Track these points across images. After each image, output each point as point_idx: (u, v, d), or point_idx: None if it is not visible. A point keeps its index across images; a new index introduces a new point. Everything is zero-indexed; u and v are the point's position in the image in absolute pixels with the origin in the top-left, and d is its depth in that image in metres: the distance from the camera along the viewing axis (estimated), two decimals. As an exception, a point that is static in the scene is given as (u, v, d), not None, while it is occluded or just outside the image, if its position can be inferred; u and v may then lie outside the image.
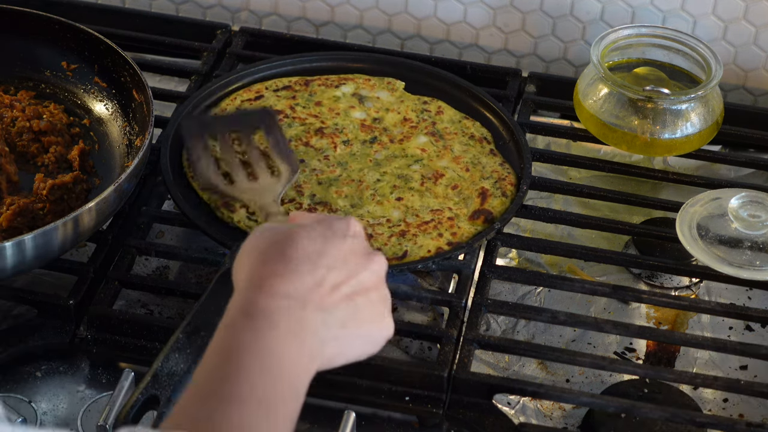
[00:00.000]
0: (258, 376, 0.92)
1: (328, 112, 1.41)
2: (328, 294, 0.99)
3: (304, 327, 0.96)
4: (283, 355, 0.94)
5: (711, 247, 1.27)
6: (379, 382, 1.18)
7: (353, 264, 1.02)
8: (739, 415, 1.22)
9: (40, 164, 1.35)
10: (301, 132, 1.38)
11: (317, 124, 1.39)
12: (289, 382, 0.94)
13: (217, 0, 1.63)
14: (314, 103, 1.41)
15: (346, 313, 1.01)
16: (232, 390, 0.90)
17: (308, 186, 1.32)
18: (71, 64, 1.43)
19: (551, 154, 1.43)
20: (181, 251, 1.29)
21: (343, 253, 1.02)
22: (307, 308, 0.97)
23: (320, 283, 0.99)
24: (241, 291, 0.98)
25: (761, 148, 1.49)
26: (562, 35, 1.57)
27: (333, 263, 1.01)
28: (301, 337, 0.96)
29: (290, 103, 1.41)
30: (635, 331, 1.23)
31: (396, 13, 1.59)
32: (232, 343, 0.94)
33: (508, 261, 1.36)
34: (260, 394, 0.91)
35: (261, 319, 0.95)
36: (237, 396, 0.90)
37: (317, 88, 1.43)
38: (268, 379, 0.92)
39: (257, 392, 0.91)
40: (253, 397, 0.90)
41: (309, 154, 1.36)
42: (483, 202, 1.30)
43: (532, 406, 1.22)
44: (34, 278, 1.29)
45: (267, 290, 0.96)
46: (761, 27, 1.51)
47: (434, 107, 1.42)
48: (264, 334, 0.94)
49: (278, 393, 0.92)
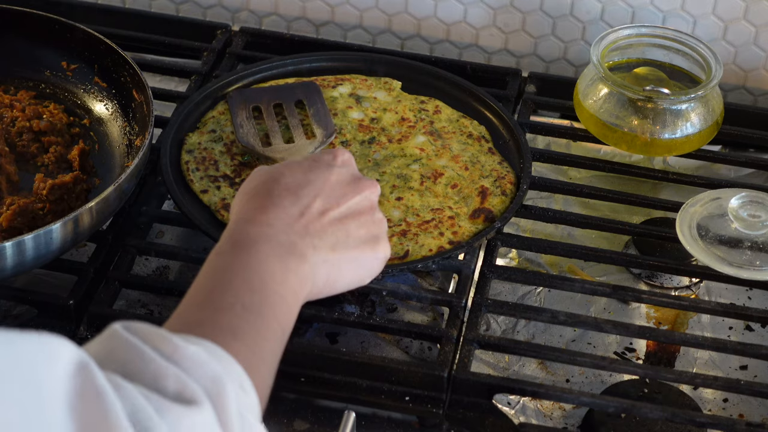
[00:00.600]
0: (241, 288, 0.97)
1: (327, 113, 1.41)
2: (316, 219, 1.06)
3: (287, 250, 1.02)
4: (266, 273, 0.99)
5: (711, 247, 1.27)
6: (379, 382, 1.18)
7: (341, 191, 1.09)
8: (739, 415, 1.22)
9: (40, 164, 1.35)
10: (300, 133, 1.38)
11: (317, 124, 1.40)
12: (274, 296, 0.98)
13: (217, 0, 1.63)
14: None
15: (335, 236, 1.07)
16: (219, 299, 0.96)
17: (308, 186, 1.32)
18: (71, 64, 1.43)
19: (551, 154, 1.43)
20: (181, 251, 1.29)
21: (330, 182, 1.09)
22: (291, 234, 1.04)
23: (304, 212, 1.06)
24: (230, 225, 1.05)
25: (761, 148, 1.49)
26: (562, 35, 1.57)
27: (318, 192, 1.08)
28: (284, 259, 1.01)
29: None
30: (635, 331, 1.23)
31: (396, 13, 1.59)
32: (218, 265, 1.00)
33: (508, 261, 1.36)
34: (245, 301, 0.96)
35: (244, 244, 1.01)
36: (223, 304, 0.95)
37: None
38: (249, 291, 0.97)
39: (241, 300, 0.96)
40: (238, 304, 0.95)
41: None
42: (483, 201, 1.30)
43: (532, 406, 1.22)
44: (34, 278, 1.29)
45: (251, 220, 1.04)
46: (761, 27, 1.51)
47: (432, 106, 1.42)
48: (247, 256, 1.00)
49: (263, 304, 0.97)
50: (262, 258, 1.00)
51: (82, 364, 0.76)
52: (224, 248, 1.02)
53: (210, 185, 1.31)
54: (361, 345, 1.24)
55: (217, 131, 1.37)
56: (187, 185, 1.32)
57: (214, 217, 1.29)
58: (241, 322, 0.94)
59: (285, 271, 1.01)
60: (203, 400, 0.83)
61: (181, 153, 1.35)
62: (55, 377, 0.74)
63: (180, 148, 1.35)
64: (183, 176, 1.32)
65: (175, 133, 1.36)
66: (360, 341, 1.25)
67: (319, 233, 1.06)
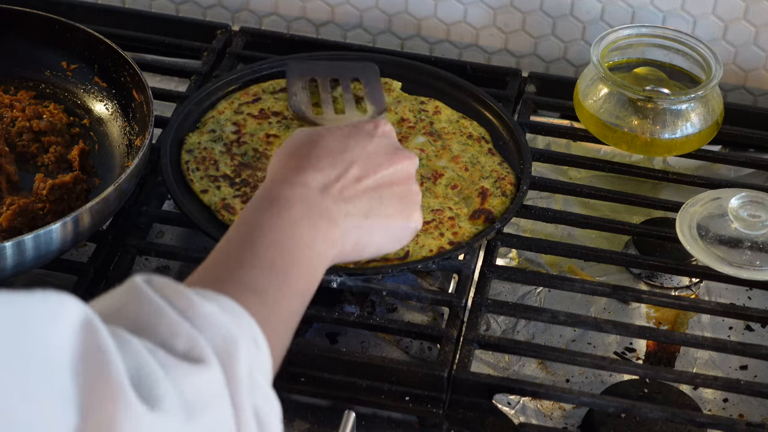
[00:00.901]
0: (270, 247, 0.98)
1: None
2: (351, 185, 1.08)
3: (320, 213, 1.04)
4: (295, 234, 1.00)
5: (711, 247, 1.27)
6: (379, 382, 1.18)
7: (378, 160, 1.11)
8: (739, 415, 1.22)
9: (40, 164, 1.35)
10: (301, 132, 1.38)
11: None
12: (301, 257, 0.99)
13: (217, 0, 1.63)
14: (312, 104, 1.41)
15: (369, 204, 1.09)
16: (245, 256, 0.97)
17: (308, 186, 1.32)
18: (71, 64, 1.43)
19: (551, 154, 1.43)
20: (181, 251, 1.29)
21: (368, 150, 1.11)
22: (326, 197, 1.05)
23: (341, 176, 1.08)
24: (266, 183, 1.06)
25: (761, 148, 1.49)
26: (562, 35, 1.57)
27: (355, 158, 1.09)
28: (315, 221, 1.03)
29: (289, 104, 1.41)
30: (635, 331, 1.23)
31: (396, 13, 1.59)
32: (249, 219, 1.01)
33: (508, 261, 1.36)
34: (270, 260, 0.97)
35: (278, 203, 1.03)
36: (248, 261, 0.96)
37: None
38: (278, 250, 0.98)
39: (267, 258, 0.97)
40: (264, 262, 0.96)
41: (309, 154, 1.36)
42: (483, 202, 1.30)
43: (532, 406, 1.22)
44: (34, 278, 1.29)
45: (287, 180, 1.05)
46: (761, 27, 1.51)
47: (431, 107, 1.42)
48: (279, 214, 1.01)
49: (289, 264, 0.98)
50: (295, 219, 1.02)
51: (86, 321, 0.76)
52: (259, 205, 1.03)
53: (210, 185, 1.31)
54: (361, 345, 1.24)
55: (217, 131, 1.37)
56: (187, 185, 1.31)
57: (214, 217, 1.29)
58: (263, 280, 0.95)
59: (315, 233, 1.02)
60: (212, 359, 0.82)
61: (181, 153, 1.35)
62: (60, 336, 0.74)
63: (180, 148, 1.35)
64: (183, 176, 1.32)
65: (175, 133, 1.36)
66: (360, 341, 1.25)
67: (353, 199, 1.07)
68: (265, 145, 1.35)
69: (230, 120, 1.38)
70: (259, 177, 1.32)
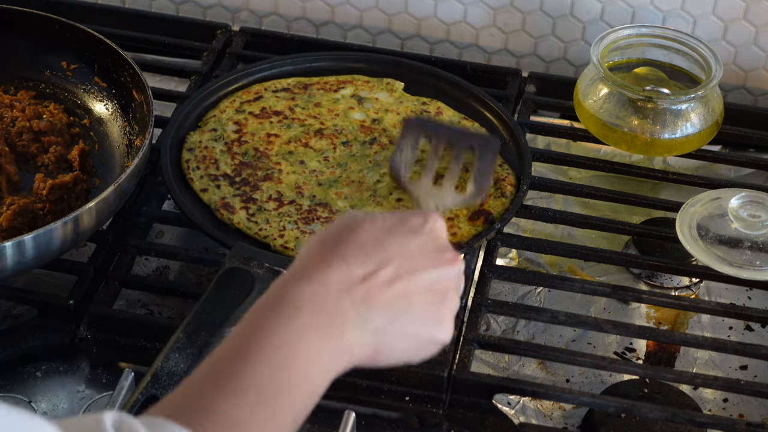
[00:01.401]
0: (264, 365, 0.88)
1: (327, 113, 1.41)
2: (378, 289, 0.94)
3: (332, 319, 0.92)
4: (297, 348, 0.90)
5: (711, 247, 1.27)
6: (379, 382, 1.18)
7: (417, 262, 0.97)
8: (739, 415, 1.22)
9: (40, 164, 1.35)
10: (301, 133, 1.38)
11: (317, 125, 1.39)
12: (298, 377, 0.90)
13: (217, 0, 1.63)
14: (313, 104, 1.41)
15: (397, 311, 0.95)
16: (236, 378, 0.87)
17: (308, 187, 1.32)
18: (71, 64, 1.43)
19: (551, 154, 1.43)
20: (181, 251, 1.29)
21: (408, 249, 0.97)
22: (344, 299, 0.93)
23: (369, 277, 0.94)
24: (285, 274, 0.94)
25: (761, 148, 1.49)
26: (562, 35, 1.57)
27: (392, 257, 0.96)
28: (324, 330, 0.91)
29: (289, 104, 1.41)
30: (635, 331, 1.23)
31: (396, 13, 1.59)
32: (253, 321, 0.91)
33: (508, 261, 1.36)
34: (263, 384, 0.87)
35: (284, 306, 0.91)
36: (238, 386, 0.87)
37: (316, 91, 1.43)
38: (272, 369, 0.88)
39: (260, 382, 0.88)
40: (253, 387, 0.87)
41: (308, 155, 1.36)
42: (483, 203, 1.30)
43: (532, 406, 1.22)
44: (34, 278, 1.29)
45: (305, 276, 0.93)
46: (761, 27, 1.51)
47: (433, 108, 1.42)
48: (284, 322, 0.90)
49: (283, 387, 0.89)
50: (299, 328, 0.90)
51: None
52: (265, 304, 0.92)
53: (210, 184, 1.31)
54: (361, 345, 1.24)
55: (218, 130, 1.37)
56: (188, 185, 1.32)
57: (214, 217, 1.29)
58: (248, 413, 0.86)
59: (322, 344, 0.91)
60: None
61: (181, 152, 1.35)
62: None
63: (180, 148, 1.35)
64: (183, 176, 1.32)
65: (175, 132, 1.36)
66: (360, 341, 1.25)
67: (379, 303, 0.94)
68: (265, 145, 1.36)
69: (232, 119, 1.38)
70: (259, 176, 1.32)
